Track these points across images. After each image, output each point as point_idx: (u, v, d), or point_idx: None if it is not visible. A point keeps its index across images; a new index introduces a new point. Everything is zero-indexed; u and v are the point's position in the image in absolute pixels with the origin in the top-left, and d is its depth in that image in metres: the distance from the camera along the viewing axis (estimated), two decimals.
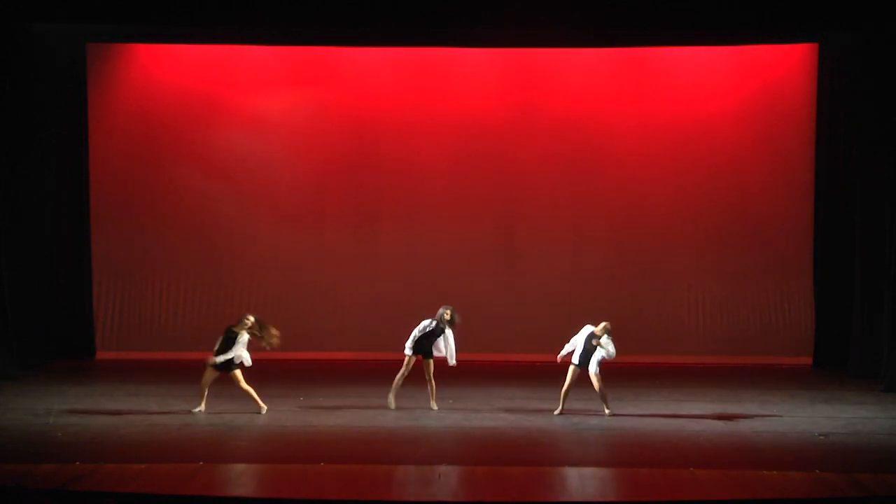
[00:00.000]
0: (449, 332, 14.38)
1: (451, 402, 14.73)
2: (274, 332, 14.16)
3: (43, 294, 17.91)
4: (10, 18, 16.25)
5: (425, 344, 14.35)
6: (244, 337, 13.84)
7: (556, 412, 14.02)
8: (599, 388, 13.89)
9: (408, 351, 14.39)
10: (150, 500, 10.07)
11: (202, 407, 13.90)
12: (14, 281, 16.82)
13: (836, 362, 17.95)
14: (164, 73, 18.99)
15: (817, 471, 11.06)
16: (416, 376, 16.12)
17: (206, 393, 13.93)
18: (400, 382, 14.43)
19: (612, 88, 18.97)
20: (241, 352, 13.77)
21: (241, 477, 11.08)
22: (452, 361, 14.39)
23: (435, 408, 14.30)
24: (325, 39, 18.27)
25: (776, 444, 12.49)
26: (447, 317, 14.35)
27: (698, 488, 10.53)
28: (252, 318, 14.07)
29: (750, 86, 18.84)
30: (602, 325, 13.87)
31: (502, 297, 18.75)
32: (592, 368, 13.84)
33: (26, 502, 9.36)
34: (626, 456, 11.93)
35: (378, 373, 16.72)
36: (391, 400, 14.39)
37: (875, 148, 16.94)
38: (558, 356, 14.19)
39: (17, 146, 17.07)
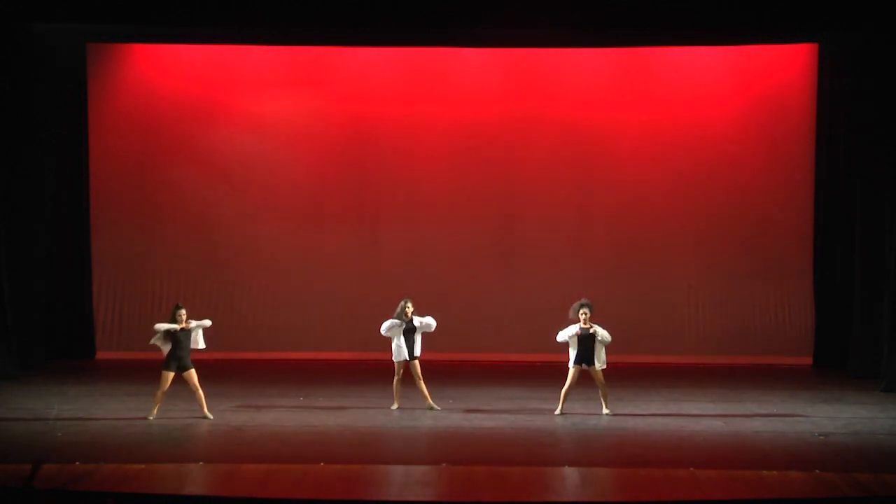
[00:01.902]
0: (416, 318, 14.29)
1: (451, 402, 14.73)
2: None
3: (43, 294, 17.91)
4: (10, 18, 16.25)
5: (407, 346, 14.25)
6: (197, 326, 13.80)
7: (557, 412, 14.02)
8: (603, 384, 13.88)
9: (399, 357, 14.30)
10: (150, 500, 10.07)
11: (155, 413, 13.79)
12: (14, 281, 16.83)
13: (836, 362, 17.95)
14: (164, 74, 19.00)
15: (817, 471, 11.05)
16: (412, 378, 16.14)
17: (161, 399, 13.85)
18: (399, 387, 14.40)
19: (612, 90, 18.96)
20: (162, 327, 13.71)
21: (242, 477, 11.06)
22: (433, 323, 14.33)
23: (437, 408, 14.24)
24: (325, 39, 18.28)
25: (776, 444, 12.48)
26: (410, 308, 14.25)
27: (698, 488, 10.53)
28: (183, 311, 13.87)
29: (750, 86, 18.83)
30: (581, 313, 13.84)
31: (502, 297, 18.75)
32: (599, 364, 13.84)
33: (27, 502, 9.36)
34: (626, 456, 11.92)
35: (378, 373, 16.72)
36: (395, 406, 14.37)
37: (875, 148, 16.95)
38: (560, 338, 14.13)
39: (18, 146, 17.08)
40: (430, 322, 14.32)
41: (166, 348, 13.77)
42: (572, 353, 13.96)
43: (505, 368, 18.06)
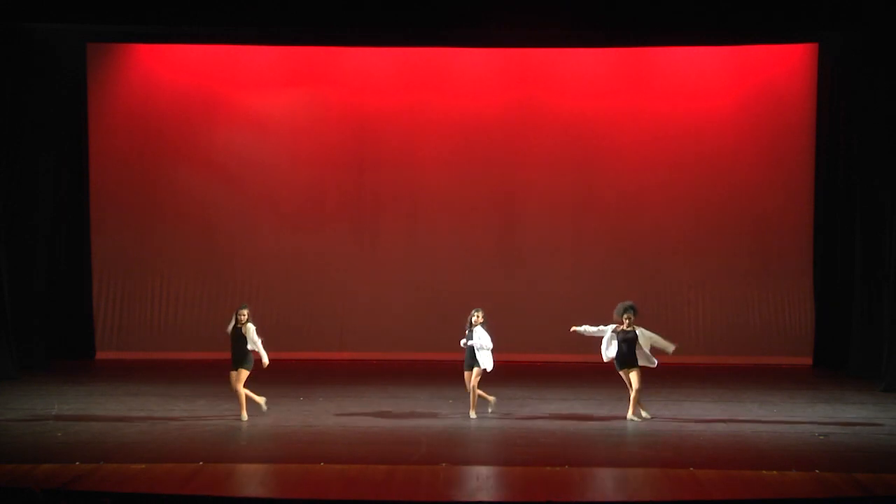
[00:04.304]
0: (478, 330, 13.95)
1: (451, 402, 14.72)
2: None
3: (43, 294, 17.91)
4: (10, 18, 16.25)
5: (471, 355, 13.83)
6: (252, 330, 13.59)
7: (647, 416, 13.73)
8: (639, 389, 13.71)
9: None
10: (150, 500, 10.06)
11: (245, 414, 13.59)
12: (14, 281, 16.83)
13: (836, 362, 17.95)
14: (164, 73, 19.01)
15: (817, 471, 11.05)
16: (417, 378, 16.16)
17: (244, 398, 13.61)
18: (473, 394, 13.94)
19: (612, 88, 18.98)
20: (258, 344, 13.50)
21: (241, 477, 11.07)
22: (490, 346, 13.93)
23: (473, 417, 13.84)
24: (325, 40, 18.29)
25: (776, 444, 12.48)
26: (480, 319, 13.95)
27: (698, 488, 10.52)
28: (246, 310, 13.65)
29: (750, 86, 18.85)
30: (625, 317, 13.60)
31: (503, 297, 18.68)
32: (646, 361, 13.65)
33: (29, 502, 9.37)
34: (627, 456, 11.92)
35: (378, 373, 16.74)
36: (484, 410, 14.00)
37: (875, 147, 16.94)
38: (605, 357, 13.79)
39: (17, 146, 17.09)
40: (482, 341, 13.94)
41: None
42: (612, 356, 13.64)
43: (505, 368, 18.00)
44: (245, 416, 13.49)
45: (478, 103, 19.00)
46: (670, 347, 13.77)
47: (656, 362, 13.77)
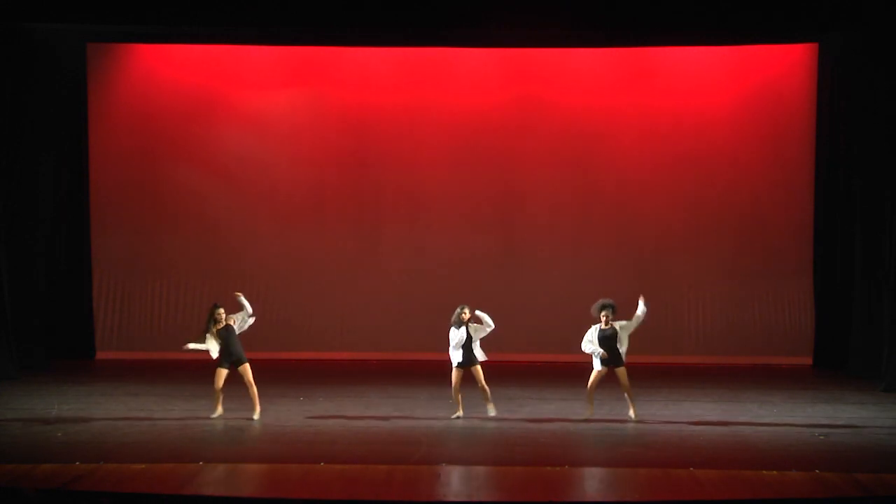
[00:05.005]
0: (474, 326, 13.89)
1: (451, 402, 14.71)
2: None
3: (43, 294, 17.91)
4: (10, 18, 16.26)
5: (466, 353, 13.83)
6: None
7: (589, 415, 13.59)
8: (628, 387, 13.61)
9: (455, 363, 13.76)
10: (150, 500, 10.07)
11: (220, 410, 13.58)
12: (14, 281, 16.84)
13: (836, 362, 17.95)
14: (165, 73, 19.02)
15: (817, 471, 11.05)
16: (417, 378, 16.13)
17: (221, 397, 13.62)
18: (457, 394, 13.85)
19: (613, 87, 18.99)
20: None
21: (241, 477, 11.07)
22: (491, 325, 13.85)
23: (493, 413, 13.78)
24: (325, 40, 18.30)
25: (776, 444, 12.47)
26: (465, 316, 13.85)
27: (698, 488, 10.52)
28: (221, 310, 13.59)
29: (750, 85, 18.86)
30: (602, 315, 13.55)
31: (502, 297, 18.67)
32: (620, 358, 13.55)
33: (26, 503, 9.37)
34: (627, 456, 11.92)
35: (378, 373, 16.70)
36: (457, 414, 13.89)
37: (875, 147, 16.94)
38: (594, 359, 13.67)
39: (17, 146, 17.09)
40: (483, 324, 13.84)
41: (216, 349, 13.50)
42: (596, 356, 13.60)
43: (505, 368, 18.01)
44: (258, 413, 13.46)
45: (478, 102, 19.00)
46: (642, 307, 13.60)
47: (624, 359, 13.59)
